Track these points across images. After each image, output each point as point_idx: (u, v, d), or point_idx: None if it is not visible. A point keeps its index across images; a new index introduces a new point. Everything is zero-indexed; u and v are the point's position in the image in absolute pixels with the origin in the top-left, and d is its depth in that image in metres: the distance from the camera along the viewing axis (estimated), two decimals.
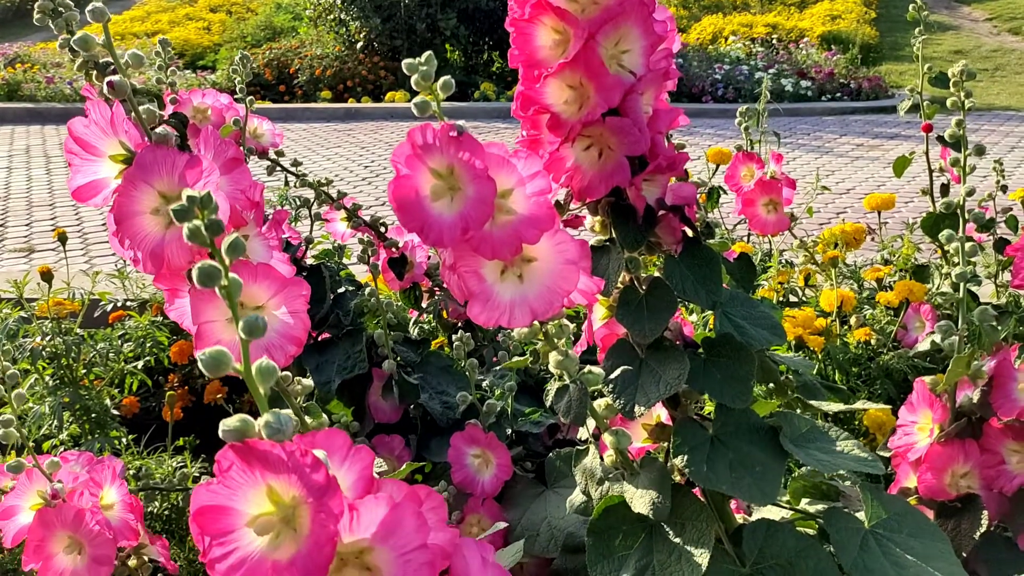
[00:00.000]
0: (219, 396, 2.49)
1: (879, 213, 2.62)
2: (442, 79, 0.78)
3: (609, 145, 0.94)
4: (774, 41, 11.86)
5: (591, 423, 0.99)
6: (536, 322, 0.87)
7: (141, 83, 0.99)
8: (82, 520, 1.13)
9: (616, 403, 0.94)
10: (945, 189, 2.11)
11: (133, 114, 0.95)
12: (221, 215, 0.91)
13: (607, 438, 0.93)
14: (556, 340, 0.88)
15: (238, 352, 0.56)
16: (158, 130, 0.92)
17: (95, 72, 1.00)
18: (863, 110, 9.59)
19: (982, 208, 2.29)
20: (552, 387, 0.91)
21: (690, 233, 1.00)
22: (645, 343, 0.98)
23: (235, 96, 1.60)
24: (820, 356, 1.83)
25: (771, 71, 10.24)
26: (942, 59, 10.81)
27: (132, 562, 1.28)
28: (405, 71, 0.78)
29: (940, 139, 2.02)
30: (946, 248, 2.19)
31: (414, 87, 0.78)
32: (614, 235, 0.97)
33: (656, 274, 1.00)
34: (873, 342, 1.96)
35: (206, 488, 0.53)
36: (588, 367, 0.90)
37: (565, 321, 0.87)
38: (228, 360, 0.54)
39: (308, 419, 1.09)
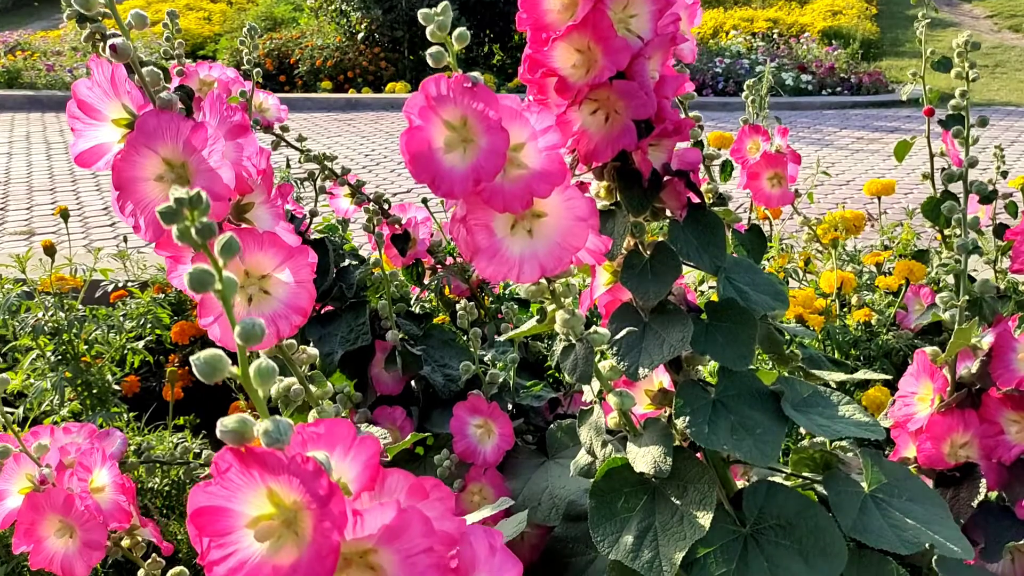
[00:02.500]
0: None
1: (879, 199, 2.62)
2: (457, 30, 0.79)
3: (616, 109, 0.95)
4: (775, 36, 11.86)
5: (595, 385, 1.00)
6: (544, 281, 0.88)
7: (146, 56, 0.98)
8: (72, 505, 1.11)
9: (620, 365, 0.95)
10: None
11: (137, 77, 0.94)
12: (226, 183, 0.91)
13: (611, 399, 0.94)
14: (563, 299, 0.88)
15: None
16: (162, 94, 0.91)
17: (102, 44, 1.00)
18: (863, 104, 9.60)
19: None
20: (558, 346, 0.92)
21: (695, 198, 1.01)
22: (649, 307, 0.99)
23: (241, 69, 1.60)
24: (820, 336, 1.84)
25: (772, 65, 10.24)
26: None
27: (125, 542, 1.27)
28: (421, 21, 0.78)
29: (942, 122, 2.03)
30: (946, 233, 2.20)
31: (429, 38, 0.79)
32: (619, 199, 0.98)
33: (660, 239, 1.01)
34: (873, 323, 1.97)
35: (203, 489, 0.51)
36: (594, 327, 0.90)
37: (572, 280, 0.88)
38: (224, 365, 0.51)
39: (313, 387, 1.10)
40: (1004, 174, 2.32)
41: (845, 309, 2.10)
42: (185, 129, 0.87)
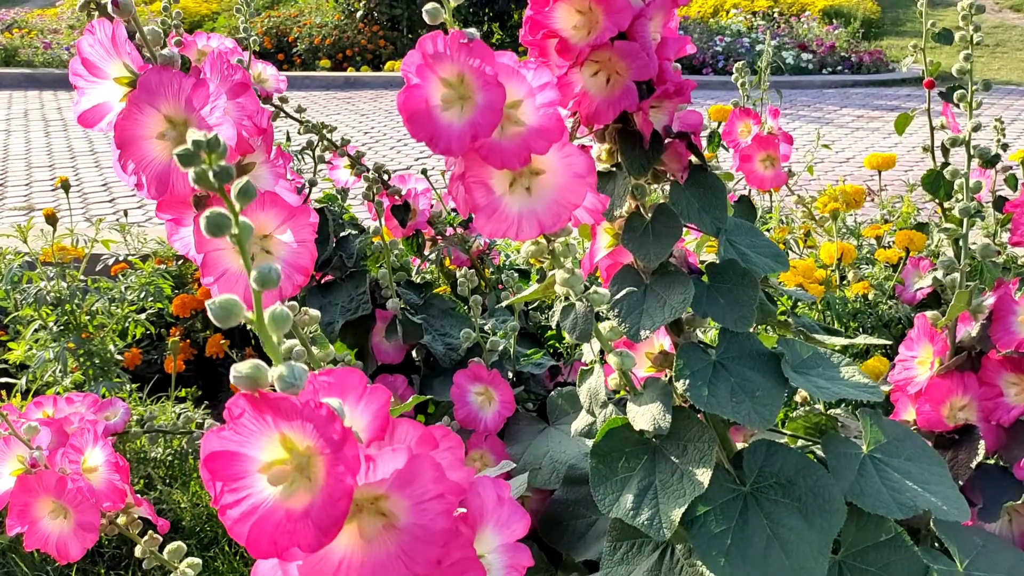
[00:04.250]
0: (221, 349, 2.51)
1: (879, 174, 2.62)
2: None
3: (617, 70, 0.94)
4: (775, 14, 11.80)
5: (596, 346, 1.00)
6: (543, 240, 0.88)
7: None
8: (64, 487, 1.10)
9: (621, 326, 0.95)
10: (946, 148, 2.12)
11: (138, 35, 0.93)
12: (228, 141, 0.91)
13: (611, 359, 0.94)
14: (562, 259, 0.89)
15: (247, 280, 0.52)
16: (164, 51, 0.90)
17: (97, 12, 0.99)
18: (864, 83, 9.57)
19: (981, 169, 2.30)
20: (558, 306, 0.92)
21: (696, 160, 1.01)
22: (650, 268, 0.99)
23: (238, 37, 1.60)
24: (820, 306, 1.85)
25: (772, 43, 10.19)
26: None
27: (121, 520, 1.26)
28: None
29: (942, 94, 2.03)
30: (946, 206, 2.20)
31: None
32: (621, 161, 0.98)
33: (662, 202, 1.01)
34: (871, 296, 1.98)
35: (216, 434, 0.51)
36: (594, 287, 0.91)
37: (572, 240, 0.88)
38: (239, 309, 0.50)
39: (316, 350, 1.10)
40: (1004, 147, 2.31)
41: (844, 282, 2.11)
42: (187, 86, 0.87)
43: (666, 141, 0.99)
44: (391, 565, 0.53)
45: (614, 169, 1.00)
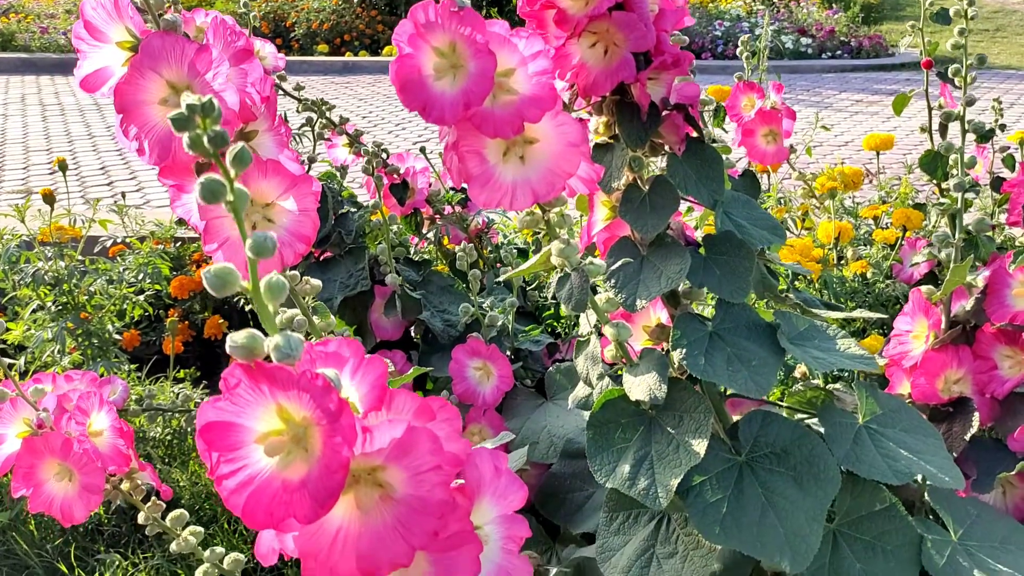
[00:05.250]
0: (219, 331, 2.51)
1: (878, 155, 2.62)
2: None
3: (615, 41, 0.94)
4: None
5: (592, 318, 1.01)
6: (539, 210, 0.88)
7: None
8: (70, 448, 1.10)
9: (618, 297, 0.96)
10: (944, 128, 2.12)
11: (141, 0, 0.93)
12: (231, 107, 0.91)
13: (608, 330, 0.95)
14: (558, 229, 0.89)
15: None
16: (167, 16, 0.90)
17: None
18: (863, 68, 9.56)
19: (979, 147, 2.30)
20: (554, 277, 0.92)
21: (693, 133, 1.01)
22: (648, 240, 0.99)
23: (240, 15, 1.59)
24: (817, 284, 1.85)
25: (772, 27, 10.17)
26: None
27: (125, 485, 1.27)
28: None
29: (940, 74, 2.02)
30: (943, 186, 2.20)
31: None
32: (618, 133, 0.98)
33: (659, 174, 1.01)
34: (869, 275, 1.98)
35: (212, 405, 0.51)
36: (590, 258, 0.91)
37: (567, 210, 0.89)
38: (235, 278, 0.50)
39: (316, 319, 1.11)
40: (1002, 127, 2.31)
41: (842, 262, 2.11)
42: (190, 51, 0.86)
43: (664, 113, 0.99)
44: (388, 536, 0.53)
45: (612, 141, 1.00)
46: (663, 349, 1.06)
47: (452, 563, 0.55)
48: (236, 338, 0.50)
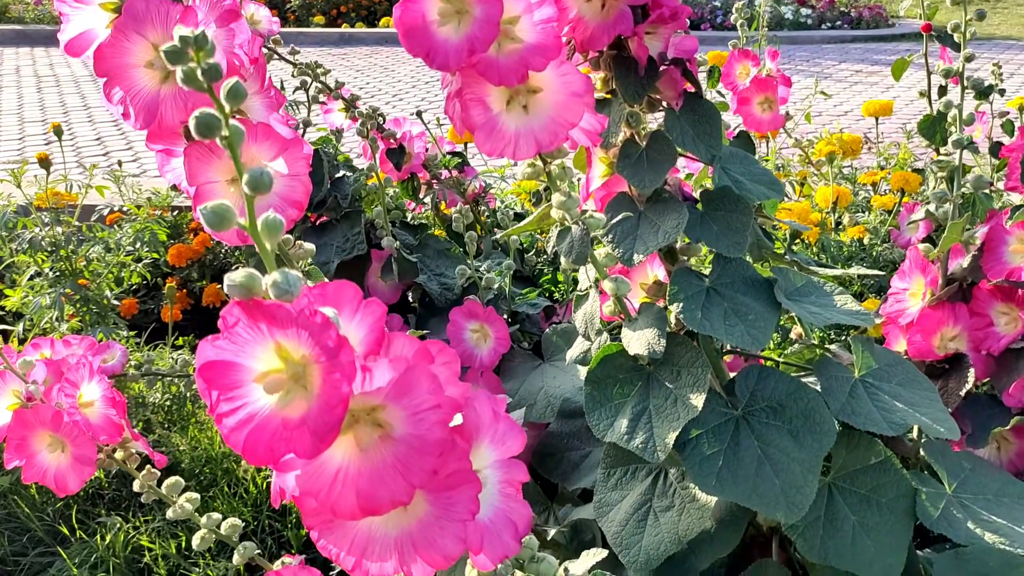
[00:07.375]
0: (218, 298, 2.51)
1: (876, 121, 2.61)
2: None
3: None
4: None
5: (591, 273, 1.01)
6: (540, 163, 0.88)
7: None
8: (60, 420, 1.09)
9: (615, 252, 0.96)
10: (943, 90, 2.11)
11: None
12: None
13: (607, 285, 0.95)
14: (559, 182, 0.89)
15: (241, 207, 0.51)
16: None
17: None
18: (863, 38, 9.51)
19: (978, 112, 2.29)
20: (554, 232, 0.92)
21: (691, 88, 1.01)
22: (645, 195, 0.99)
23: None
24: (815, 249, 1.85)
25: None
26: None
27: (119, 454, 1.27)
28: None
29: (939, 38, 2.02)
30: (942, 151, 2.19)
31: None
32: (616, 87, 0.97)
33: (656, 129, 1.01)
34: (866, 240, 1.98)
35: (211, 343, 0.50)
36: (590, 211, 0.91)
37: (568, 163, 0.88)
38: (232, 215, 0.49)
39: (310, 283, 1.10)
40: (1001, 92, 2.31)
41: (840, 227, 2.11)
42: (175, 12, 0.85)
43: (661, 68, 0.98)
44: (387, 474, 0.53)
45: (609, 97, 1.00)
46: (661, 303, 1.06)
47: (451, 501, 0.56)
48: (234, 277, 0.49)
